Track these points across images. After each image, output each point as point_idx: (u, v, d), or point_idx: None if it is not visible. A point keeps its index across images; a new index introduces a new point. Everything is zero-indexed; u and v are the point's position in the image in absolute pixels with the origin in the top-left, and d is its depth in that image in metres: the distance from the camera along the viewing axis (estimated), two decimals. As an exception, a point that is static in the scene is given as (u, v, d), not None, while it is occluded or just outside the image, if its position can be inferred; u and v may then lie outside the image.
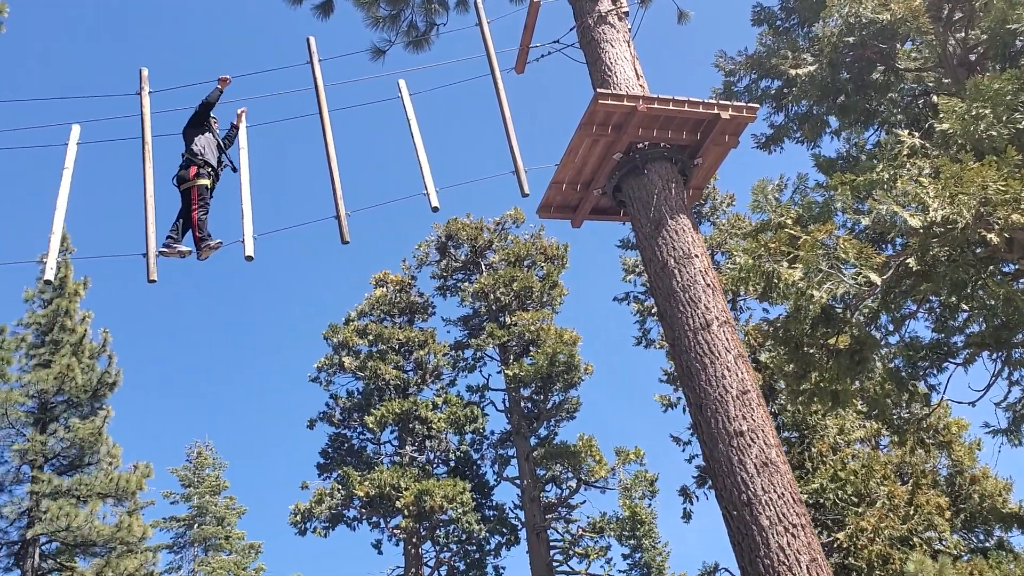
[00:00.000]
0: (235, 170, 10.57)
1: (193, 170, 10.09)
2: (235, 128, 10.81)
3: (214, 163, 10.20)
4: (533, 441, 29.01)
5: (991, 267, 10.41)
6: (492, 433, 30.81)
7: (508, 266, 31.65)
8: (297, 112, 10.81)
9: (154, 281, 9.47)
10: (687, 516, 23.55)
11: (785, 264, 9.26)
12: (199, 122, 10.42)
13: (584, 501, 28.50)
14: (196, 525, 32.58)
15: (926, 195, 8.98)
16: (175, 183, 10.24)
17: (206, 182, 10.09)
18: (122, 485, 23.73)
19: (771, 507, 7.70)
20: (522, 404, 29.59)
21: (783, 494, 7.77)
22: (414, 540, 27.65)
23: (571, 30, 11.78)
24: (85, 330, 25.38)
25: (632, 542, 27.07)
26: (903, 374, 13.65)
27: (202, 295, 66.57)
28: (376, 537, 28.81)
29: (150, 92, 10.31)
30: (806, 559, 7.48)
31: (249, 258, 9.71)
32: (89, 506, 22.82)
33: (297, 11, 14.31)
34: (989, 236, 8.56)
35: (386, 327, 31.31)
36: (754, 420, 8.14)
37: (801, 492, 21.61)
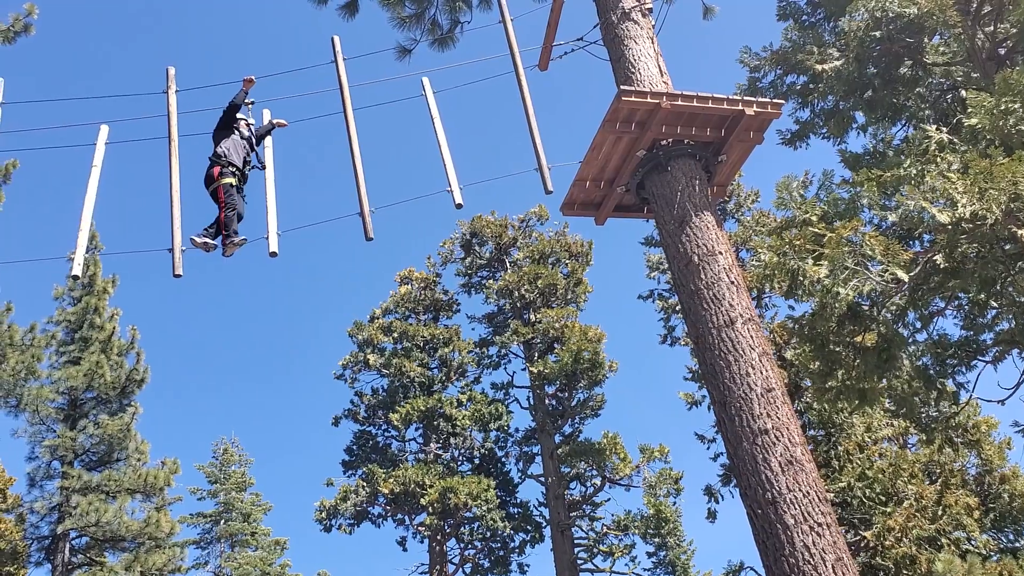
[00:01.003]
0: (262, 167, 10.67)
1: (216, 170, 10.19)
2: (270, 128, 10.89)
3: (239, 163, 10.29)
4: (558, 438, 29.00)
5: (1021, 263, 10.26)
6: (516, 431, 30.88)
7: (532, 263, 31.64)
8: (322, 111, 10.92)
9: (179, 276, 9.65)
10: (712, 515, 23.44)
11: (810, 261, 9.18)
12: (227, 124, 10.52)
13: (609, 499, 28.49)
14: (222, 521, 32.88)
15: (954, 190, 8.87)
16: (206, 186, 10.38)
17: (230, 180, 10.17)
18: (150, 481, 24.02)
19: (796, 506, 7.65)
20: (547, 401, 29.58)
21: (808, 492, 7.72)
22: (438, 537, 27.73)
23: (594, 27, 11.77)
24: (114, 327, 25.69)
25: (657, 540, 27.00)
26: (931, 372, 13.49)
27: (229, 292, 67.18)
28: (401, 534, 29.02)
29: (176, 91, 10.49)
30: (832, 558, 7.42)
31: (273, 254, 9.83)
32: (118, 501, 23.12)
33: (323, 11, 14.41)
34: (1020, 232, 8.44)
35: (411, 324, 31.42)
36: (779, 418, 8.09)
37: (827, 491, 21.57)
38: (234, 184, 10.21)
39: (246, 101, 10.73)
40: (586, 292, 31.98)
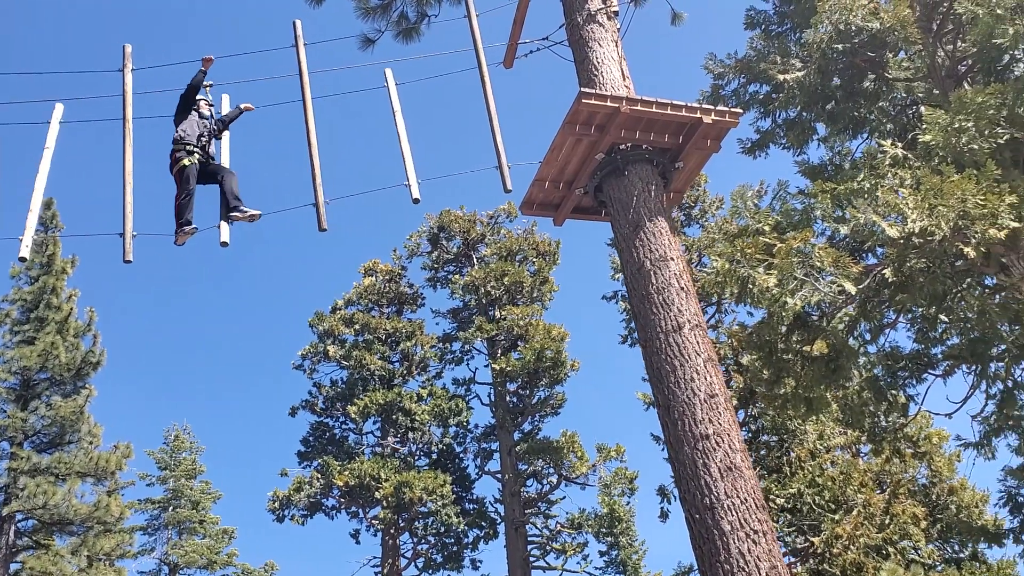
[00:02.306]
0: (218, 137, 10.54)
1: (175, 154, 10.06)
2: (237, 113, 10.77)
3: (193, 142, 10.12)
4: (517, 436, 29.03)
5: (969, 280, 10.43)
6: (476, 427, 30.87)
7: (500, 260, 31.62)
8: (281, 97, 10.79)
9: (129, 262, 9.52)
10: (664, 516, 23.57)
11: (760, 270, 9.26)
12: (186, 107, 10.37)
13: (564, 497, 28.55)
14: (171, 508, 32.59)
15: (905, 206, 8.99)
16: (170, 171, 10.23)
17: (185, 162, 10.00)
18: (102, 465, 23.72)
19: (733, 512, 7.72)
20: (507, 399, 29.60)
21: (746, 499, 7.80)
22: (392, 531, 27.67)
23: (560, 27, 11.78)
24: (71, 308, 25.33)
25: (609, 539, 27.13)
26: (882, 383, 13.67)
27: (190, 279, 66.41)
28: (354, 527, 28.88)
29: (133, 69, 10.31)
30: (766, 566, 7.50)
31: (224, 244, 9.73)
32: (68, 484, 22.80)
33: (290, -3, 14.27)
34: (966, 250, 8.57)
35: (373, 317, 31.28)
36: (720, 424, 8.16)
37: (778, 496, 21.83)
38: (189, 165, 10.00)
39: (204, 83, 10.60)
40: (552, 291, 32.03)
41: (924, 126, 10.11)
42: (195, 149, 10.08)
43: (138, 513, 32.09)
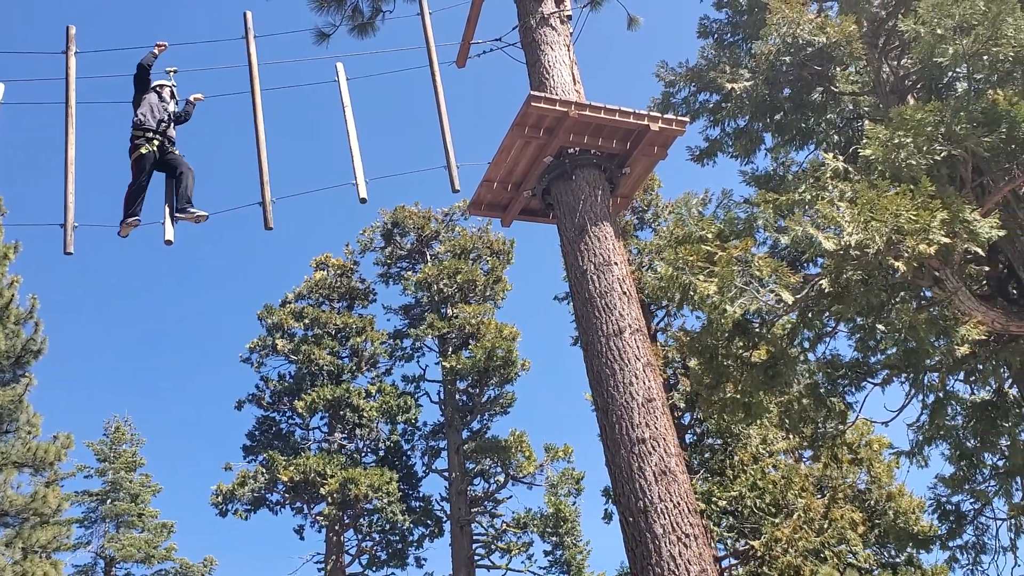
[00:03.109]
0: (182, 121, 10.40)
1: (134, 140, 9.90)
2: (191, 109, 10.65)
3: (153, 127, 9.96)
4: (465, 434, 29.05)
5: (903, 293, 10.68)
6: (425, 424, 30.83)
7: (453, 258, 31.62)
8: (229, 89, 10.68)
9: (70, 253, 9.33)
10: (608, 517, 23.78)
11: (702, 277, 9.40)
12: (140, 88, 10.21)
13: (511, 496, 28.63)
14: (109, 501, 32.03)
15: (842, 219, 9.18)
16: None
17: (143, 150, 9.82)
18: (40, 455, 23.21)
19: (666, 516, 7.82)
20: (457, 397, 29.60)
21: (679, 504, 7.90)
22: (337, 528, 27.51)
23: (513, 29, 11.83)
24: (12, 295, 24.71)
25: (554, 539, 27.25)
26: (822, 390, 13.94)
27: (136, 270, 65.17)
28: (299, 522, 28.68)
29: (77, 52, 10.09)
30: (696, 570, 7.61)
31: (168, 242, 9.59)
32: (3, 475, 22.28)
33: (244, -12, 14.11)
34: (897, 264, 8.78)
35: (323, 311, 31.06)
36: (657, 428, 8.26)
37: (720, 499, 22.13)
38: (147, 152, 9.78)
39: (168, 69, 10.49)
40: (505, 290, 32.09)
41: (865, 140, 10.33)
42: (155, 136, 9.92)
43: (76, 506, 31.50)
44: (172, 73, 10.63)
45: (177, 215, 9.59)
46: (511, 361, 28.96)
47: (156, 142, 9.89)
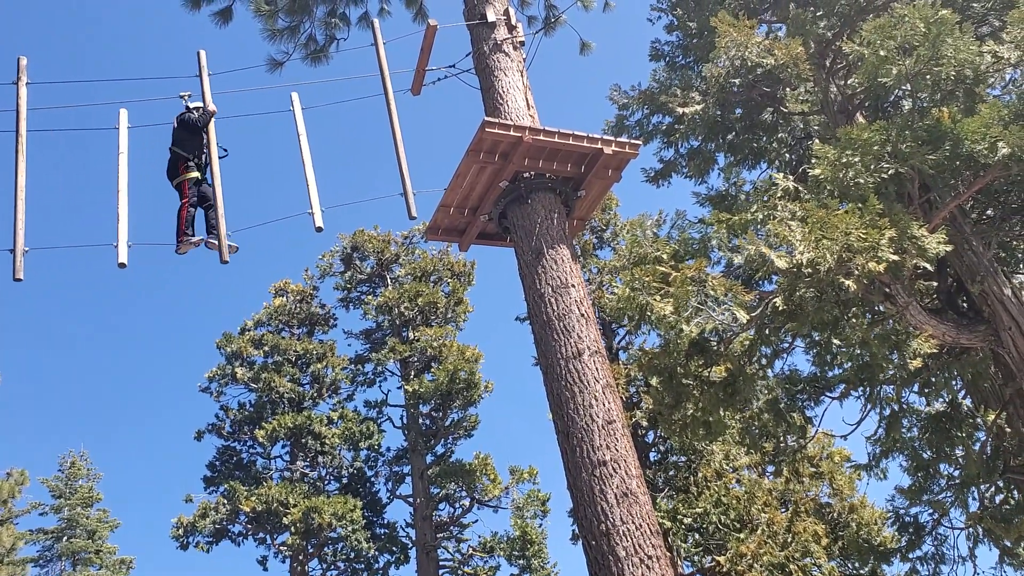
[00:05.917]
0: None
1: (181, 165, 10.45)
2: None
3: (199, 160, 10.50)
4: (429, 459, 28.87)
5: (855, 308, 10.86)
6: (388, 450, 30.59)
7: (414, 281, 31.54)
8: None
9: (20, 280, 9.28)
10: (576, 538, 23.73)
11: (658, 298, 9.49)
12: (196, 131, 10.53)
13: (476, 520, 28.50)
14: (65, 538, 31.33)
15: (793, 238, 9.33)
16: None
17: (193, 175, 10.43)
18: (-7, 493, 22.75)
19: (629, 538, 7.84)
20: (420, 421, 29.44)
21: (640, 525, 7.92)
22: (300, 558, 27.14)
23: (467, 56, 11.89)
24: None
25: (521, 562, 27.11)
26: (781, 406, 14.08)
27: (90, 299, 64.12)
28: (262, 553, 28.17)
29: (28, 83, 10.10)
30: (659, 590, 7.63)
31: (122, 265, 9.56)
32: (-45, 515, 21.79)
33: (196, 16, 14.06)
34: (847, 282, 8.94)
35: (283, 338, 30.78)
36: (617, 450, 8.29)
37: (685, 516, 22.22)
38: (193, 176, 10.39)
39: (181, 93, 10.74)
40: (466, 312, 32.04)
41: (814, 160, 10.53)
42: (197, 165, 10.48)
43: (30, 544, 30.74)
44: (187, 97, 10.79)
45: (209, 241, 10.15)
46: (474, 383, 28.88)
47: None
